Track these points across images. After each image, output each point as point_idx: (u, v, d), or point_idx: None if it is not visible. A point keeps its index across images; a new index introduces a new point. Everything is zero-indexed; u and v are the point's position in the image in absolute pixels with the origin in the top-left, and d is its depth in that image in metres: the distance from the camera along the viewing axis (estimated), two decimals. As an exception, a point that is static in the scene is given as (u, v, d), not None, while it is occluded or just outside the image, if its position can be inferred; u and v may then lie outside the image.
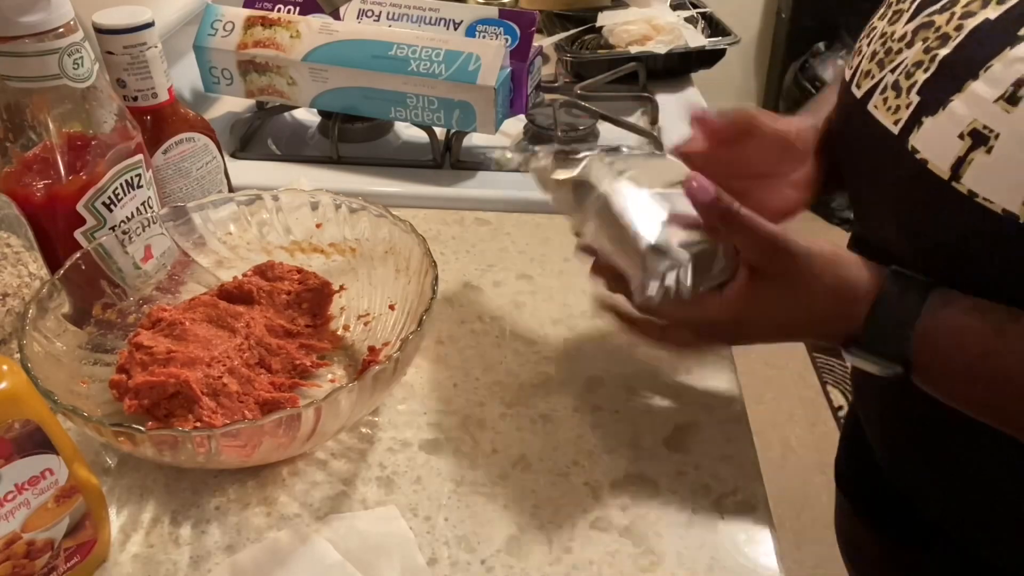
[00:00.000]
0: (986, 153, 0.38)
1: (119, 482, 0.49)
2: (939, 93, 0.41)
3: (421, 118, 0.79)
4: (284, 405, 0.50)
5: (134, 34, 0.58)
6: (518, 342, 0.59)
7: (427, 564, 0.43)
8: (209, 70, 0.84)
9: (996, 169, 0.38)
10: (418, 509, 0.47)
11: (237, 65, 0.82)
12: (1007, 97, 0.38)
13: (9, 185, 0.51)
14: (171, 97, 0.62)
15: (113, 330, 0.54)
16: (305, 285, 0.58)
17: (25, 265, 0.51)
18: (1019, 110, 0.37)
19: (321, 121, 0.89)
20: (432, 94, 0.77)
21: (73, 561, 0.41)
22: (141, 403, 0.48)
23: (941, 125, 0.41)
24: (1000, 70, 0.38)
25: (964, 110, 0.40)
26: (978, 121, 0.39)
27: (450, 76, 0.75)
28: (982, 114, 0.39)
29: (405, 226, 0.55)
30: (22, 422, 0.36)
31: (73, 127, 0.52)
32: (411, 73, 0.76)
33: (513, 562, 0.44)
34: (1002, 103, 0.38)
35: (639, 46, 0.98)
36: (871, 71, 0.47)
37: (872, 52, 0.48)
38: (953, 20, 0.42)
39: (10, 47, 0.48)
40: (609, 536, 0.45)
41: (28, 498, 0.37)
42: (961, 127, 0.40)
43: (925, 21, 0.44)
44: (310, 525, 0.46)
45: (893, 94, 0.44)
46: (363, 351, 0.56)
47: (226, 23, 0.82)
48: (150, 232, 0.56)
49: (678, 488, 0.48)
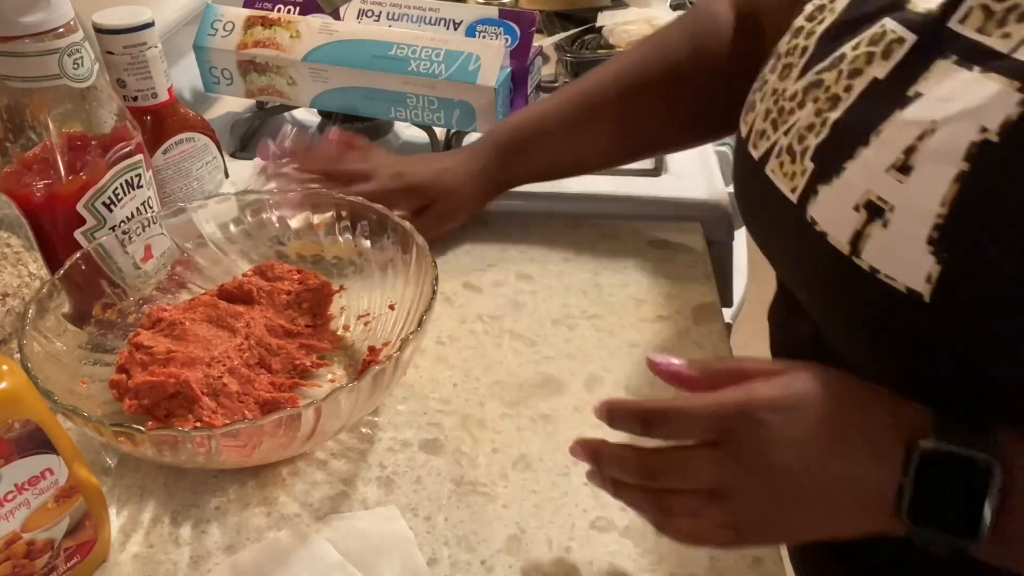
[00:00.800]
0: (883, 227, 0.35)
1: (119, 482, 0.49)
2: (833, 160, 0.38)
3: (421, 118, 0.79)
4: (284, 405, 0.50)
5: (134, 34, 0.58)
6: (518, 342, 0.59)
7: (427, 564, 0.43)
8: (209, 70, 0.84)
9: (894, 244, 0.35)
10: (418, 509, 0.47)
11: (237, 65, 0.82)
12: (899, 166, 0.35)
13: (9, 185, 0.51)
14: (171, 97, 0.62)
15: (113, 330, 0.54)
16: (305, 285, 0.58)
17: (25, 265, 0.51)
18: (912, 180, 0.34)
19: (321, 121, 0.89)
20: (432, 94, 0.77)
21: (73, 561, 0.41)
22: (141, 403, 0.48)
23: (836, 195, 0.38)
24: (891, 135, 0.36)
25: (858, 179, 0.37)
26: (872, 191, 0.36)
27: (450, 76, 0.75)
28: (876, 183, 0.36)
29: (405, 226, 0.55)
30: (22, 422, 0.36)
31: (73, 127, 0.52)
32: (411, 73, 0.76)
33: (513, 562, 0.44)
34: (894, 172, 0.35)
35: (639, 46, 0.98)
36: (766, 131, 0.44)
37: (765, 110, 0.45)
38: (842, 79, 0.39)
39: (10, 47, 0.48)
40: (609, 536, 0.45)
41: (28, 498, 0.37)
42: (856, 198, 0.36)
43: (815, 80, 0.41)
44: (310, 525, 0.46)
45: (788, 159, 0.41)
46: (363, 351, 0.56)
47: (226, 23, 0.82)
48: (150, 232, 0.56)
49: (678, 488, 0.48)
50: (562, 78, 1.01)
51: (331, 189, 0.60)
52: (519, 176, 0.68)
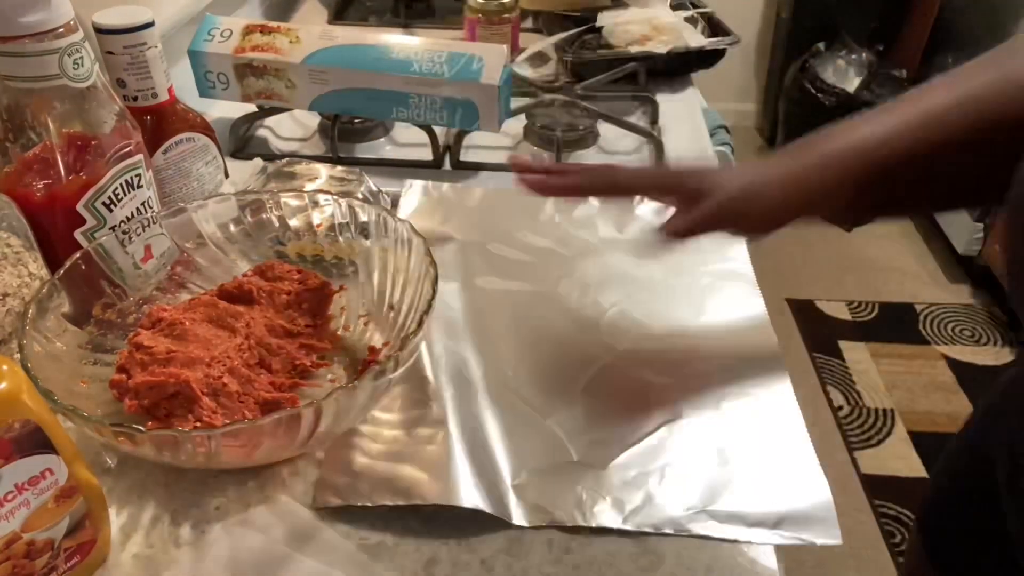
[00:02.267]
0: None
1: (119, 482, 0.49)
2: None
3: (424, 118, 0.79)
4: (284, 405, 0.50)
5: (134, 34, 0.58)
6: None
7: (427, 564, 0.43)
8: (204, 75, 0.83)
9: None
10: (418, 509, 0.46)
11: (234, 69, 0.81)
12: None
13: (9, 185, 0.51)
14: (171, 97, 0.62)
15: (113, 330, 0.54)
16: (305, 285, 0.58)
17: (25, 265, 0.51)
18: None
19: (321, 121, 0.89)
20: (435, 94, 0.77)
21: (73, 561, 0.41)
22: (141, 403, 0.48)
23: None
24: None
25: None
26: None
27: (454, 76, 0.75)
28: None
29: (405, 226, 0.55)
30: (22, 422, 0.36)
31: (73, 127, 0.52)
32: (413, 73, 0.76)
33: (513, 562, 0.44)
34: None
35: (639, 46, 0.98)
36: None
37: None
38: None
39: (10, 47, 0.48)
40: (609, 536, 0.45)
41: (28, 498, 0.37)
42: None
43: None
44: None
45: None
46: (363, 351, 0.56)
47: (224, 30, 0.82)
48: (150, 232, 0.56)
49: (678, 488, 0.48)
50: (562, 78, 1.02)
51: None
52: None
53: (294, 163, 0.71)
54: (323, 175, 0.69)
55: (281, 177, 0.69)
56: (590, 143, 0.87)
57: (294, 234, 0.61)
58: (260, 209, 0.60)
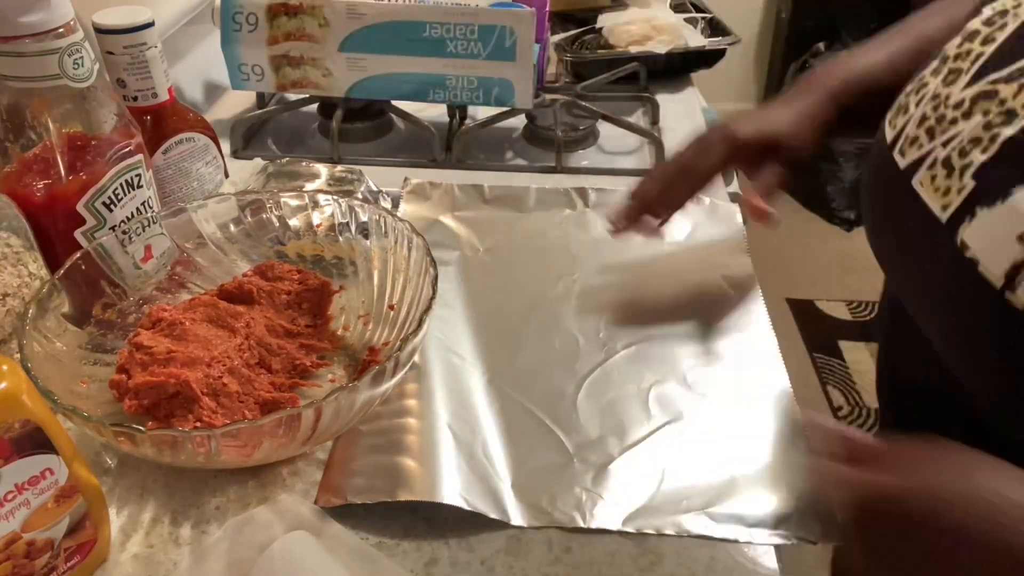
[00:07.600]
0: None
1: (119, 482, 0.49)
2: (999, 181, 0.34)
3: (460, 98, 0.80)
4: (284, 405, 0.50)
5: (134, 34, 0.58)
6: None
7: (427, 564, 0.44)
8: (239, 67, 0.82)
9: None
10: (418, 509, 0.46)
11: (269, 60, 0.81)
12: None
13: (9, 185, 0.51)
14: (171, 97, 0.62)
15: (113, 330, 0.54)
16: (305, 285, 0.58)
17: (25, 265, 0.51)
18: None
19: (321, 120, 0.89)
20: (472, 74, 0.78)
21: (73, 561, 0.41)
22: (141, 403, 0.48)
23: (997, 220, 0.34)
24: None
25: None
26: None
27: (489, 55, 0.77)
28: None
29: (405, 226, 0.55)
30: (22, 422, 0.36)
31: (73, 127, 0.52)
32: (450, 55, 0.77)
33: (513, 562, 0.44)
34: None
35: (639, 46, 0.98)
36: (918, 139, 0.40)
37: (921, 116, 0.40)
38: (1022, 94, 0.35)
39: (10, 47, 0.48)
40: (609, 536, 0.45)
41: (28, 498, 0.37)
42: (1021, 227, 0.32)
43: (988, 89, 0.37)
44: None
45: (943, 172, 0.37)
46: (363, 351, 0.56)
47: (248, 15, 0.80)
48: (150, 232, 0.56)
49: (678, 488, 0.48)
50: (562, 78, 1.02)
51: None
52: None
53: (294, 163, 0.71)
54: (323, 175, 0.69)
55: (281, 177, 0.69)
56: (590, 143, 0.87)
57: (294, 234, 0.61)
58: (260, 209, 0.60)
